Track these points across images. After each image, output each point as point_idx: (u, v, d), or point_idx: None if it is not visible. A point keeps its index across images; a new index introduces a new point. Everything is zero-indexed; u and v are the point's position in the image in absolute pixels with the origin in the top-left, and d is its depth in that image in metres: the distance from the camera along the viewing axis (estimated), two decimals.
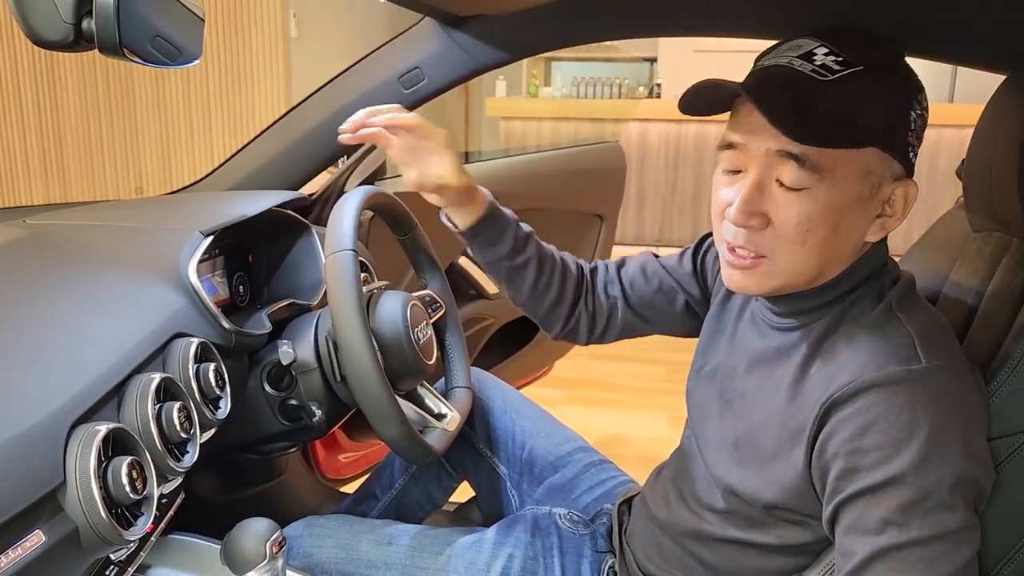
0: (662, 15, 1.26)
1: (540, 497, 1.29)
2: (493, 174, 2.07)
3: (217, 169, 1.50)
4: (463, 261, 2.01)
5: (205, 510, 1.21)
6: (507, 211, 1.14)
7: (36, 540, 0.65)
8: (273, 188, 1.46)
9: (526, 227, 1.15)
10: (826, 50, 0.81)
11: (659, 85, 5.61)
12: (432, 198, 1.09)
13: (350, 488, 1.63)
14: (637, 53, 6.20)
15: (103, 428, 0.73)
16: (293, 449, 1.26)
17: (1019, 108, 0.94)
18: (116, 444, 0.75)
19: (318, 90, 1.44)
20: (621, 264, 1.19)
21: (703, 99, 0.85)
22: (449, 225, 1.13)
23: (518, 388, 1.63)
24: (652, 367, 3.30)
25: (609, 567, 1.12)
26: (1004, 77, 1.05)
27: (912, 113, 0.83)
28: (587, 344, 1.22)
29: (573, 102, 5.67)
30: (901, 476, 0.78)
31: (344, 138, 1.09)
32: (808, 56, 0.82)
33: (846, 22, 0.87)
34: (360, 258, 1.39)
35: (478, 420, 1.38)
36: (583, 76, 5.88)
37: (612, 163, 2.32)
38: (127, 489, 0.72)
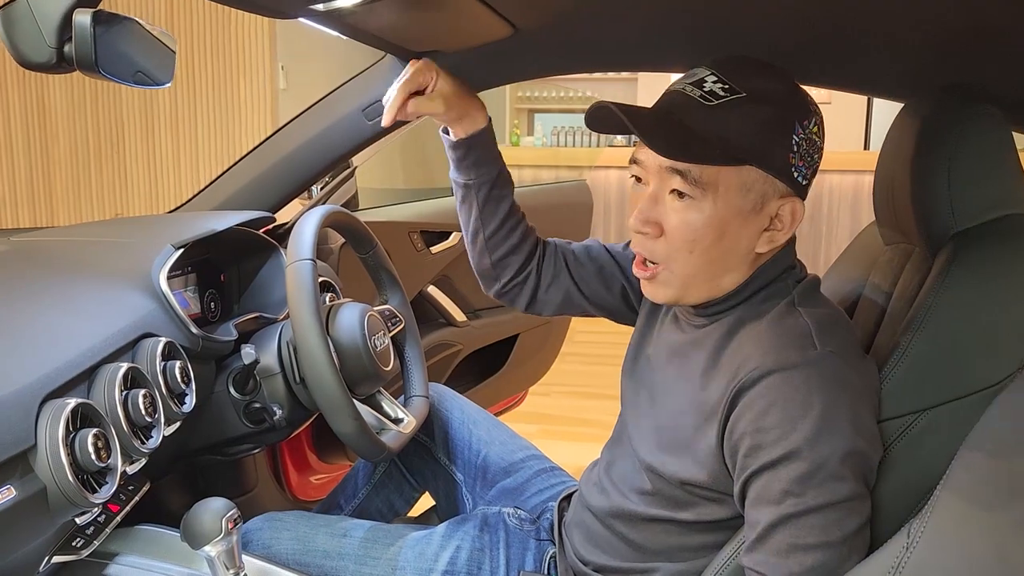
0: (606, 51, 1.38)
1: (491, 499, 1.36)
2: None
3: (195, 196, 1.59)
4: (432, 289, 2.10)
5: (175, 524, 1.28)
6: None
7: (7, 494, 0.73)
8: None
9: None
10: (715, 78, 0.92)
11: None
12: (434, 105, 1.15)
13: None
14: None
15: (72, 402, 0.81)
16: (256, 450, 1.33)
17: (911, 133, 1.05)
18: (84, 419, 0.83)
19: (290, 121, 1.54)
20: (568, 243, 1.26)
21: (602, 120, 0.96)
22: (446, 138, 1.19)
23: None
24: None
25: (550, 556, 1.19)
26: (903, 105, 1.16)
27: (794, 136, 0.93)
28: (524, 310, 1.26)
29: (553, 150, 5.83)
30: (797, 450, 0.86)
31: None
32: (699, 83, 0.93)
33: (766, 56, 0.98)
34: (326, 278, 1.49)
35: (437, 430, 1.46)
36: (563, 126, 6.06)
37: (579, 199, 2.43)
38: (92, 457, 0.80)
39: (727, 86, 0.91)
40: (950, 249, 0.98)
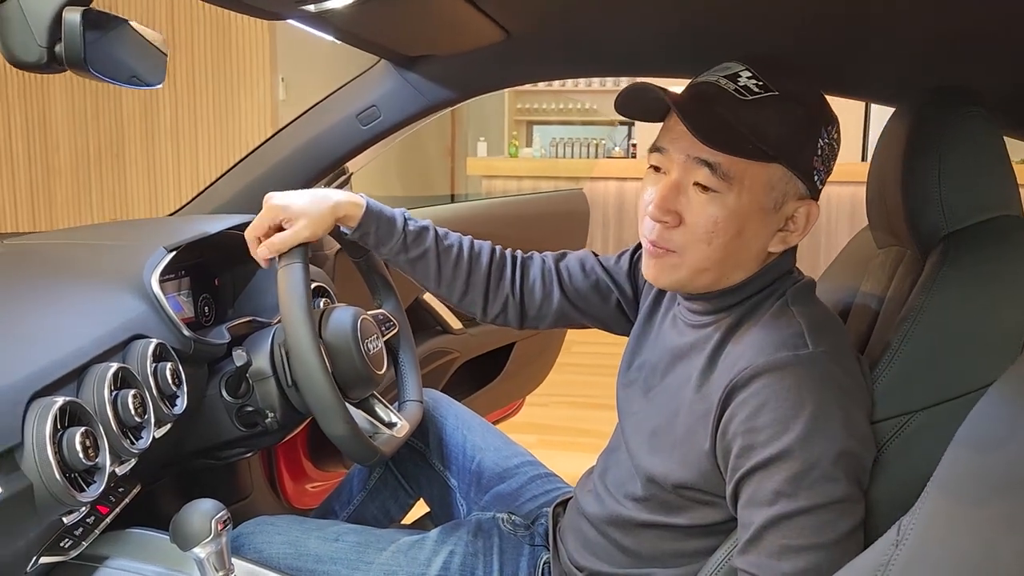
0: (598, 57, 1.38)
1: (486, 504, 1.36)
2: (462, 216, 2.18)
3: (191, 201, 1.60)
4: (428, 296, 2.10)
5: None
6: (395, 211, 1.19)
7: None
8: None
9: (422, 223, 1.20)
10: (749, 74, 0.92)
11: (635, 146, 5.80)
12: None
13: None
14: (616, 116, 6.41)
15: (60, 400, 0.81)
16: (249, 454, 1.33)
17: (901, 136, 1.05)
18: (72, 417, 0.83)
19: (286, 126, 1.55)
20: (560, 257, 1.25)
21: (635, 102, 0.96)
22: (344, 231, 1.19)
23: None
24: None
25: (544, 562, 1.19)
26: (893, 110, 1.17)
27: (820, 140, 0.94)
28: (521, 328, 1.26)
29: (552, 161, 5.85)
30: (789, 450, 0.86)
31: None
32: (733, 77, 0.93)
33: None
34: (321, 283, 1.49)
35: (431, 436, 1.45)
36: (562, 137, 6.08)
37: (576, 208, 2.43)
38: (80, 455, 0.80)
39: (761, 83, 0.91)
40: (941, 250, 0.98)
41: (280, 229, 1.14)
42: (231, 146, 5.13)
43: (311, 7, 0.94)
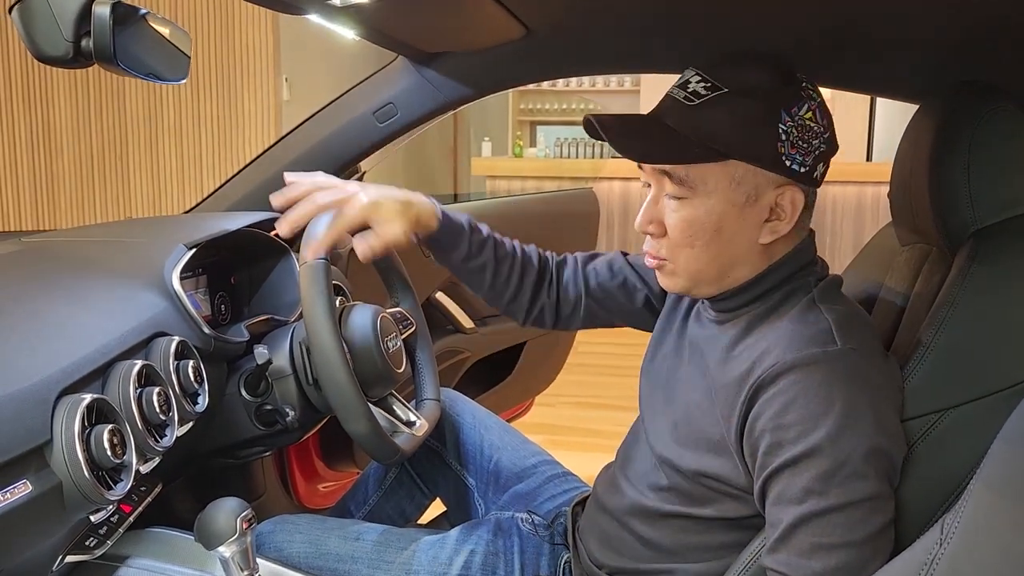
0: (617, 53, 1.38)
1: (504, 504, 1.35)
2: (472, 214, 2.17)
3: (206, 199, 1.59)
4: (440, 296, 2.09)
5: (183, 529, 1.27)
6: (462, 219, 1.20)
7: (23, 489, 0.72)
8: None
9: (484, 229, 1.22)
10: (699, 78, 0.94)
11: None
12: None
13: None
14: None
15: (88, 397, 0.80)
16: (267, 453, 1.32)
17: (928, 132, 1.04)
18: (99, 415, 0.82)
19: (301, 124, 1.54)
20: (589, 259, 1.28)
21: (596, 128, 0.98)
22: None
23: None
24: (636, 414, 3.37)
25: (565, 562, 1.18)
26: (917, 106, 1.16)
27: (781, 125, 0.92)
28: (554, 328, 1.30)
29: (556, 162, 5.85)
30: (819, 447, 0.85)
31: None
32: (684, 85, 0.95)
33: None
34: (336, 282, 1.48)
35: (448, 435, 1.45)
36: (566, 137, 6.08)
37: (585, 207, 2.42)
38: (108, 453, 0.79)
39: (709, 84, 0.92)
40: (970, 247, 0.97)
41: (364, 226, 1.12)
42: (234, 147, 5.12)
43: (336, 1, 0.93)
